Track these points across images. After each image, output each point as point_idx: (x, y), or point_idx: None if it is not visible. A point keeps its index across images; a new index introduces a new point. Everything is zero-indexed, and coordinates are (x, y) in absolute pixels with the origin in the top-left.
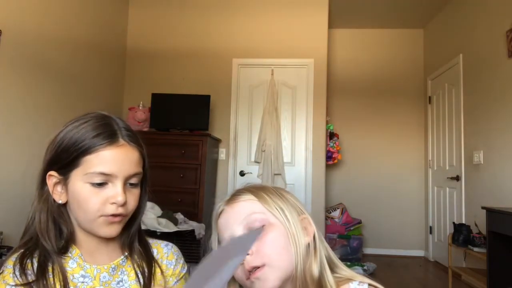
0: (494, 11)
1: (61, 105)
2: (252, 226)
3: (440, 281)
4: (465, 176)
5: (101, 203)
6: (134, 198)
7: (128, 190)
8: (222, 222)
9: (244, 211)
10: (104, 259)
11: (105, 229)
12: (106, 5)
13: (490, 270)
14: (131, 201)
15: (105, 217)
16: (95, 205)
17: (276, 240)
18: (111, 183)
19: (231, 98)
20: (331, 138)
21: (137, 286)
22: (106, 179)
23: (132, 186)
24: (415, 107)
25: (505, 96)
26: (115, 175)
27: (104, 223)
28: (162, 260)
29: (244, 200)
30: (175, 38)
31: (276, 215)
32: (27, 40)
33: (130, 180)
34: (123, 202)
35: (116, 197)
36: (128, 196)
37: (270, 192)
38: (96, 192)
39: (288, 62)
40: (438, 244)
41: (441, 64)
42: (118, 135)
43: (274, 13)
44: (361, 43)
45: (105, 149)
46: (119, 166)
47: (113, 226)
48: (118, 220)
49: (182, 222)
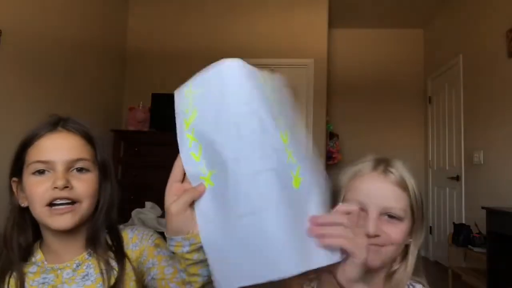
0: (494, 11)
1: (62, 105)
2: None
3: (440, 281)
4: (465, 176)
5: (45, 191)
6: (84, 183)
7: (74, 175)
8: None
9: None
10: (70, 257)
11: (56, 220)
12: (106, 5)
13: (490, 270)
14: (79, 186)
15: (49, 207)
16: (40, 194)
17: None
18: (52, 170)
19: None
20: (331, 138)
21: None
22: (46, 167)
23: (80, 171)
24: (415, 107)
25: (505, 96)
26: (53, 161)
27: (53, 213)
28: (128, 246)
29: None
30: (175, 38)
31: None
32: (27, 40)
33: (75, 165)
34: (63, 186)
35: (56, 181)
36: (75, 181)
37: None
38: (39, 181)
39: (288, 62)
40: (438, 244)
41: (441, 64)
42: (58, 124)
43: (274, 13)
44: (361, 43)
45: (42, 138)
46: (57, 151)
47: (64, 217)
48: (68, 210)
49: None
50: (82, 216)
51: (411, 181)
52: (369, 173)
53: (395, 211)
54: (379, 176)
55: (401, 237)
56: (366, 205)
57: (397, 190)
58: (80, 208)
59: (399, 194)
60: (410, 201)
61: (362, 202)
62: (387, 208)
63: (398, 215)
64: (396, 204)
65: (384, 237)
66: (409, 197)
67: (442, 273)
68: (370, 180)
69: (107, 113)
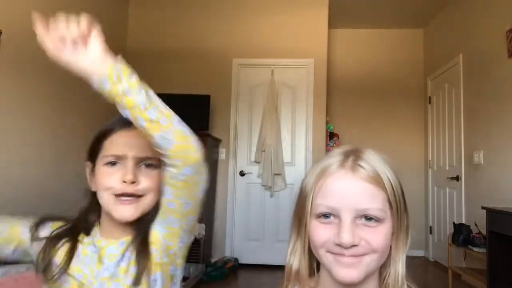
0: (494, 11)
1: (62, 105)
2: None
3: (440, 281)
4: (465, 176)
5: (113, 182)
6: (149, 179)
7: (142, 170)
8: (339, 189)
9: (369, 195)
10: (118, 236)
11: (120, 210)
12: (106, 5)
13: (490, 270)
14: (144, 181)
15: (116, 197)
16: (108, 183)
17: (386, 236)
18: (123, 164)
19: (231, 98)
20: (331, 138)
21: None
22: (117, 160)
23: (147, 167)
24: (415, 107)
25: (505, 96)
26: (125, 156)
27: (118, 202)
28: None
29: (368, 179)
30: (175, 38)
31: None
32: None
33: (144, 161)
34: (131, 181)
35: (125, 175)
36: (141, 176)
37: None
38: (109, 172)
39: (288, 62)
40: (438, 244)
41: (441, 64)
42: (131, 123)
43: (274, 13)
44: (361, 43)
45: (118, 133)
46: (130, 147)
47: (127, 208)
48: (132, 202)
49: None
50: (143, 210)
51: (386, 173)
52: (336, 171)
53: (371, 212)
54: (347, 173)
55: (383, 242)
56: (337, 210)
57: (370, 187)
58: (144, 201)
59: (374, 192)
60: (388, 197)
61: (333, 207)
62: (362, 211)
63: (376, 216)
64: (371, 204)
65: (363, 245)
66: (386, 193)
67: (442, 273)
68: (338, 180)
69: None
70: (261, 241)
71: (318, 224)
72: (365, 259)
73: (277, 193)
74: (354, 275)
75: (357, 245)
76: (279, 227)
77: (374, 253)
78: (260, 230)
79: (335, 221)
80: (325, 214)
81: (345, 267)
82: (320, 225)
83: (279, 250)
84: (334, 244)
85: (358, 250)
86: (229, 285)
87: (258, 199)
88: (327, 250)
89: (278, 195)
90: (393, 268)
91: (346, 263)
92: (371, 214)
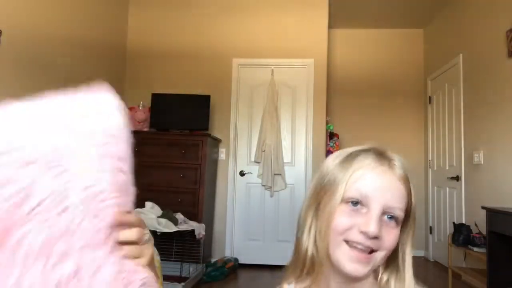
0: (494, 11)
1: None
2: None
3: (440, 281)
4: (465, 176)
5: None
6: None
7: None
8: (376, 181)
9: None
10: None
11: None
12: (106, 5)
13: (490, 270)
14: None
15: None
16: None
17: (396, 240)
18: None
19: (231, 98)
20: (331, 138)
21: None
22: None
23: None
24: (415, 107)
25: (505, 96)
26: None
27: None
28: None
29: (401, 179)
30: (175, 38)
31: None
32: (27, 40)
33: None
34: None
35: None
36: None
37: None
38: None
39: (288, 62)
40: (438, 244)
41: (441, 64)
42: None
43: (274, 13)
44: (361, 43)
45: None
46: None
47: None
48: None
49: (182, 222)
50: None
51: (411, 180)
52: (375, 166)
53: (397, 212)
54: (385, 169)
55: (394, 244)
56: (369, 199)
57: (402, 188)
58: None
59: (403, 193)
60: (408, 203)
61: (366, 195)
62: (390, 208)
63: (398, 216)
64: (399, 203)
65: (380, 241)
66: (409, 197)
67: (442, 273)
68: (378, 174)
69: None
70: (261, 241)
71: (346, 210)
72: (375, 256)
73: (277, 193)
74: (362, 270)
75: (378, 238)
76: (279, 227)
77: (384, 250)
78: (260, 230)
79: (362, 211)
80: (354, 202)
81: (355, 262)
82: (347, 211)
83: (279, 250)
84: (359, 232)
85: (375, 243)
86: (229, 285)
87: (258, 199)
88: (344, 239)
89: (278, 195)
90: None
91: (357, 258)
92: (396, 213)
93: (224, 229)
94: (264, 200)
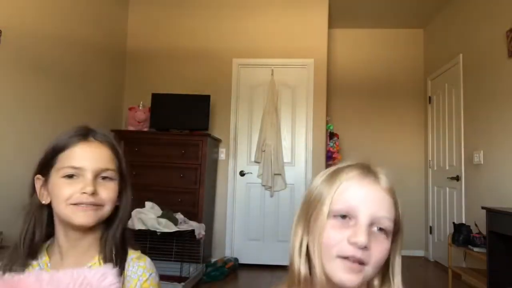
0: (494, 11)
1: (62, 105)
2: (378, 225)
3: (440, 281)
4: (465, 176)
5: (72, 193)
6: (108, 191)
7: (100, 183)
8: (361, 192)
9: (387, 205)
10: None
11: (80, 216)
12: (106, 5)
13: (490, 270)
14: (103, 193)
15: (74, 205)
16: (67, 194)
17: (386, 254)
18: (82, 176)
19: (231, 98)
20: (331, 138)
21: None
22: (76, 172)
23: (104, 179)
24: (415, 107)
25: (505, 96)
26: (84, 168)
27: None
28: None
29: (387, 190)
30: (175, 38)
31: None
32: (27, 40)
33: (102, 173)
34: (91, 192)
35: (85, 187)
36: (100, 188)
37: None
38: (68, 183)
39: (288, 62)
40: (438, 244)
41: (441, 64)
42: (89, 135)
43: (274, 13)
44: (361, 43)
45: (76, 146)
46: (88, 160)
47: (87, 213)
48: (90, 208)
49: (182, 222)
50: (102, 217)
51: (397, 194)
52: (359, 178)
53: (386, 222)
54: (370, 181)
55: (384, 257)
56: (356, 211)
57: (389, 199)
58: (102, 210)
59: (391, 204)
60: (396, 215)
61: (353, 207)
62: (378, 218)
63: (387, 227)
64: (387, 213)
65: (369, 253)
66: (397, 208)
67: (442, 273)
68: (362, 186)
69: (107, 113)
70: (261, 241)
71: (335, 224)
72: (366, 268)
73: (277, 193)
74: (355, 280)
75: (368, 248)
76: (279, 227)
77: (373, 266)
78: (260, 230)
79: (351, 223)
80: (342, 215)
81: (348, 272)
82: (337, 225)
83: (279, 250)
84: (348, 244)
85: (364, 255)
86: (229, 285)
87: (258, 199)
88: (337, 254)
89: (278, 195)
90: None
91: (351, 268)
92: (385, 224)
93: (224, 229)
94: (264, 200)
